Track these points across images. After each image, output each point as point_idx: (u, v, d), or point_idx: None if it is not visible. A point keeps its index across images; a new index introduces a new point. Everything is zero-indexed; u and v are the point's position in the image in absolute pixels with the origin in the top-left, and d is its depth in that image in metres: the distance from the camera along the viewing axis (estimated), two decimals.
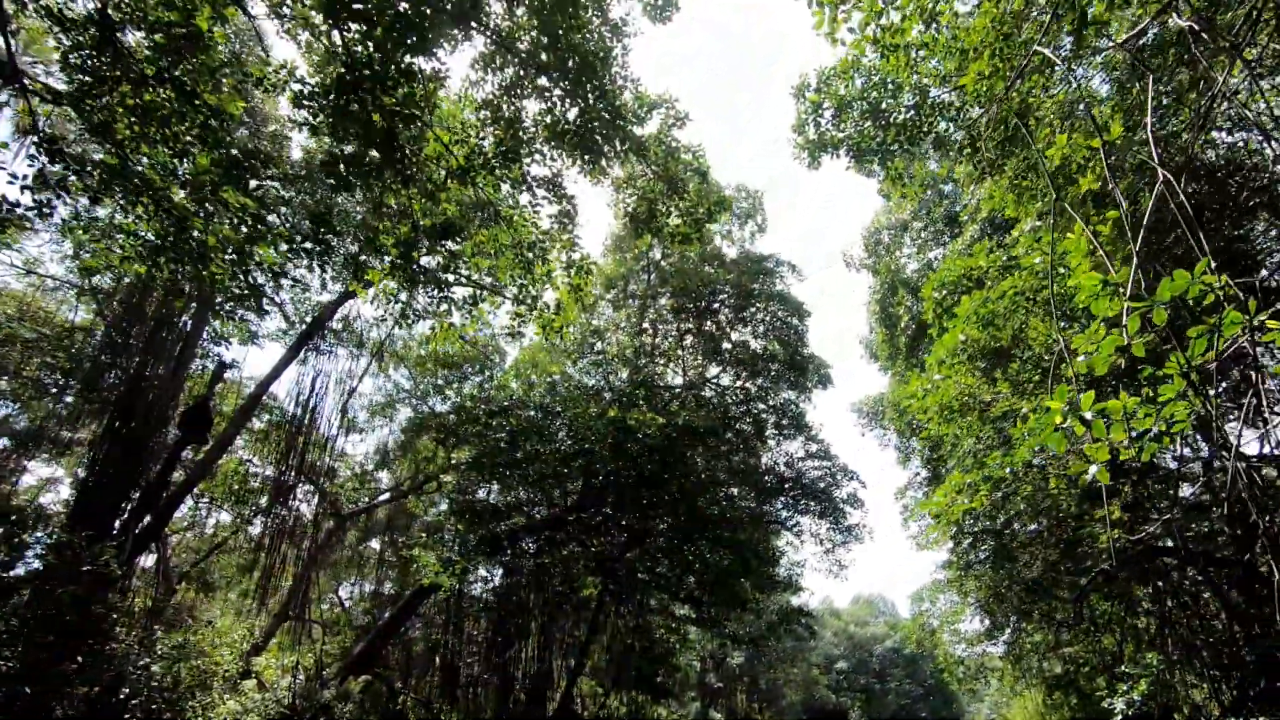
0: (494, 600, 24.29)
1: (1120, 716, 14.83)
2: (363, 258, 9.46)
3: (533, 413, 15.57)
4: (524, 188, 9.71)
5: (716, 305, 22.32)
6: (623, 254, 24.80)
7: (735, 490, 21.13)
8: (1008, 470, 8.14)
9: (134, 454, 15.95)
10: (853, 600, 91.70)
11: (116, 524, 15.36)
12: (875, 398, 27.86)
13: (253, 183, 8.67)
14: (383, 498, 27.27)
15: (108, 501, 15.16)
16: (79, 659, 10.59)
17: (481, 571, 25.08)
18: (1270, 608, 18.59)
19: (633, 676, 27.14)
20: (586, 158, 10.30)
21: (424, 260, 9.40)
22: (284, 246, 8.10)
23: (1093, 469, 3.76)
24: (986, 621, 27.21)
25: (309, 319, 19.51)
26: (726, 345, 24.27)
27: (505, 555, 21.08)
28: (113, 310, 18.60)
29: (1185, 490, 20.53)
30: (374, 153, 8.92)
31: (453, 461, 17.49)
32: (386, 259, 9.12)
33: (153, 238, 8.44)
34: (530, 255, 9.22)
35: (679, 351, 24.90)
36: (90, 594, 11.82)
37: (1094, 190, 6.74)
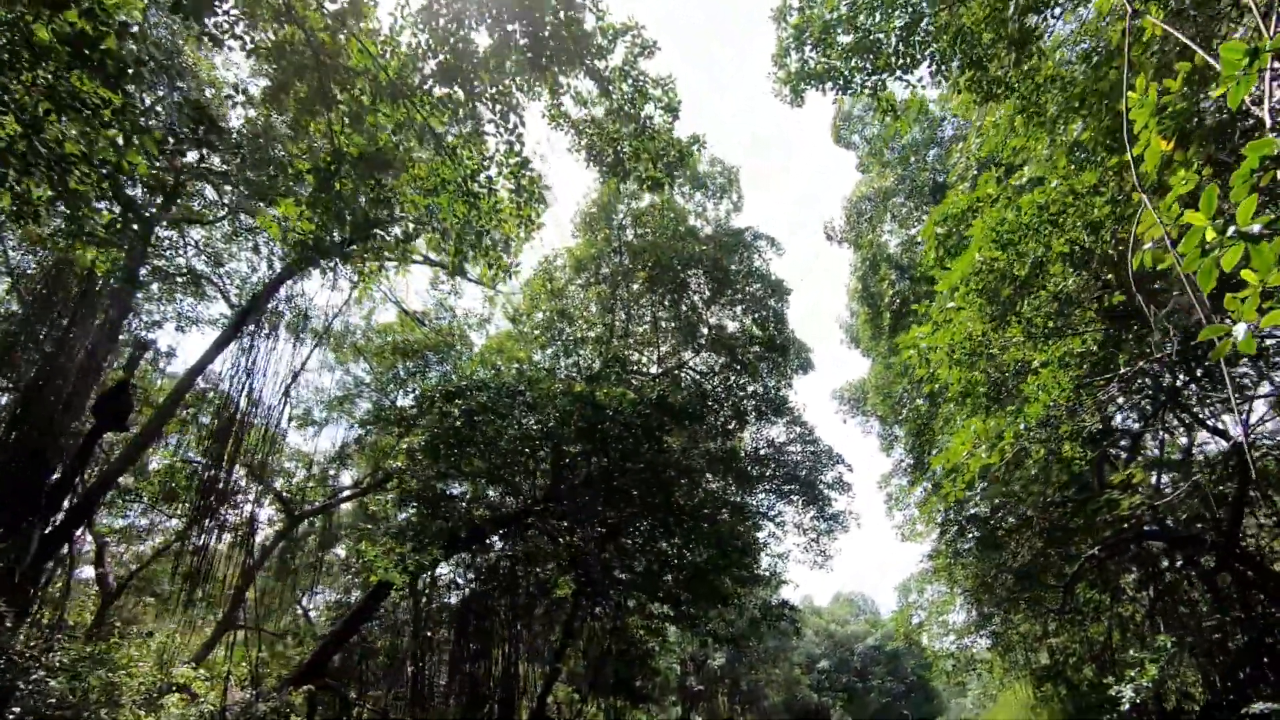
0: (461, 603, 22.82)
1: (1127, 704, 13.91)
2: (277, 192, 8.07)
3: (492, 392, 14.20)
4: (468, 113, 8.40)
5: (692, 283, 21.17)
6: (593, 234, 23.56)
7: (713, 479, 19.96)
8: (1021, 426, 7.05)
9: (44, 446, 14.27)
10: (833, 599, 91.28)
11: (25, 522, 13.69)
12: (857, 384, 26.94)
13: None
14: (343, 495, 25.60)
15: (15, 497, 13.49)
16: None
17: (447, 572, 23.65)
18: (1255, 589, 17.99)
19: (611, 681, 25.83)
20: (541, 89, 9.06)
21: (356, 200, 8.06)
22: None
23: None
24: (974, 612, 26.41)
25: (249, 300, 17.92)
26: (703, 329, 23.13)
27: (468, 551, 19.63)
28: (30, 289, 16.88)
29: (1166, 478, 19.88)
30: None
31: (405, 448, 16.09)
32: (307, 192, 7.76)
33: None
34: (475, 187, 7.94)
35: (654, 335, 23.70)
36: None
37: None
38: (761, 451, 20.14)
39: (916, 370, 8.08)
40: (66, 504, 14.00)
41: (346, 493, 25.38)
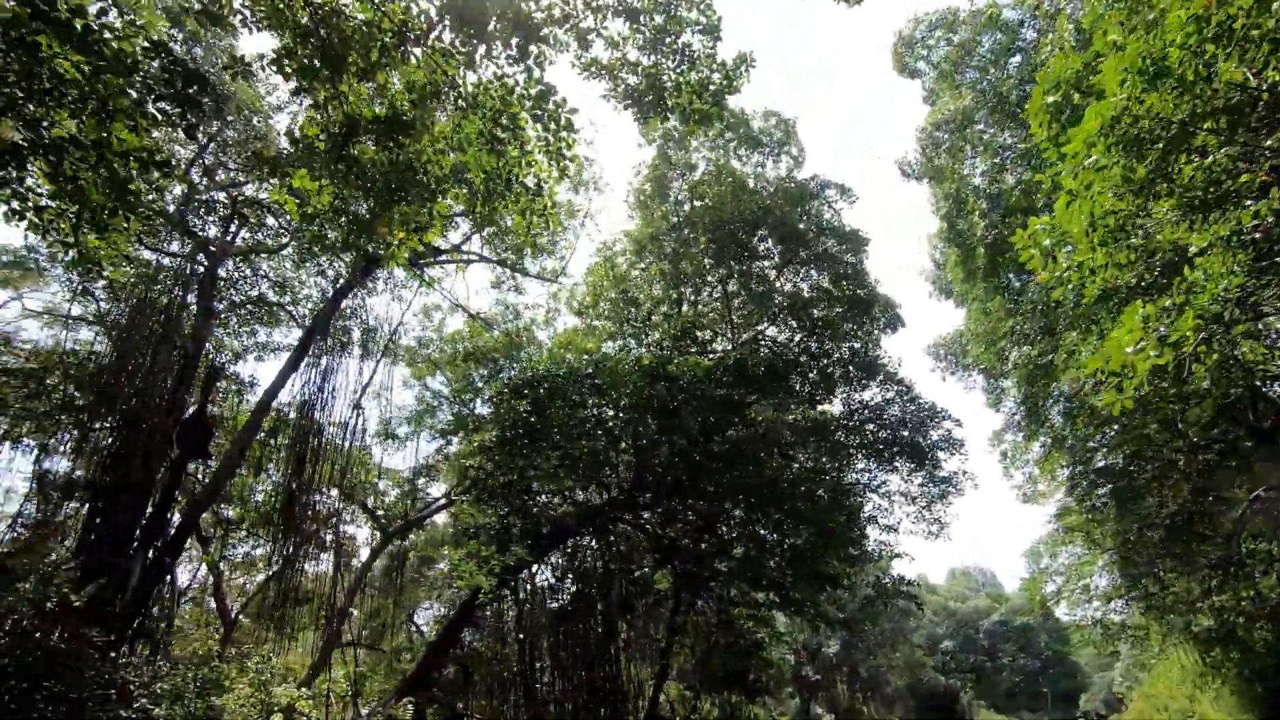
0: (561, 606, 22.30)
1: None
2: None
3: (559, 380, 13.45)
4: (485, 56, 7.56)
5: (759, 248, 19.83)
6: (649, 212, 22.58)
7: (805, 452, 18.53)
8: (1194, 319, 5.49)
9: (139, 481, 14.60)
10: (949, 575, 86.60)
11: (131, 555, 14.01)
12: (953, 335, 24.73)
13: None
14: (435, 507, 25.69)
15: (115, 532, 13.81)
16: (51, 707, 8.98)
17: (545, 576, 23.20)
18: None
19: (722, 675, 24.76)
20: (568, 39, 8.13)
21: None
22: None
23: None
24: (1119, 574, 23.67)
25: (313, 319, 17.98)
26: (776, 298, 21.69)
27: (558, 551, 19.04)
28: (117, 332, 17.49)
29: None
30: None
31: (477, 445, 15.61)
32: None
33: None
34: (499, 132, 7.10)
35: (725, 311, 22.45)
36: (73, 633, 10.29)
37: None
38: (856, 418, 18.53)
39: (1039, 274, 6.61)
40: (162, 535, 14.24)
41: (440, 502, 25.44)
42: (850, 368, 18.83)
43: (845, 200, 19.81)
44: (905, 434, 17.15)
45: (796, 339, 20.62)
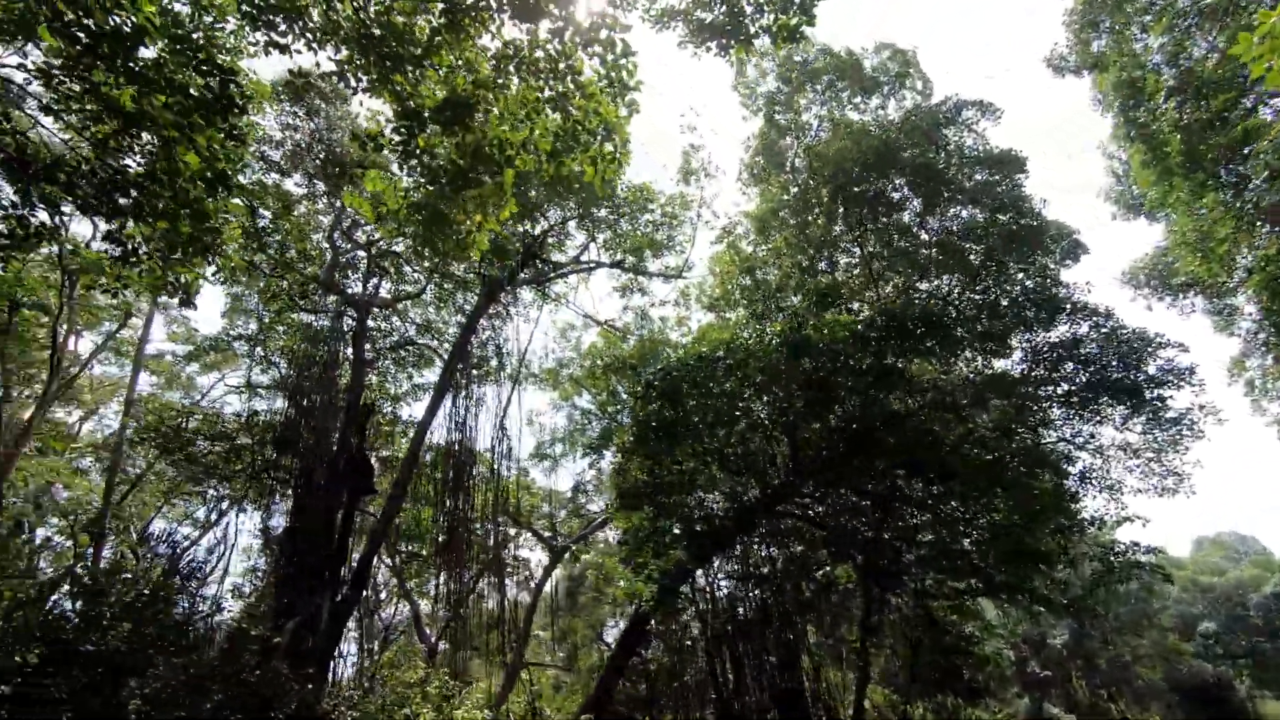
0: (739, 610, 21.18)
1: None
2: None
3: (689, 367, 12.55)
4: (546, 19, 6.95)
5: (895, 196, 17.77)
6: (765, 185, 21.23)
7: (985, 413, 16.07)
8: None
9: (321, 524, 15.64)
10: (1195, 545, 74.10)
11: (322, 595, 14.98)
12: (1154, 255, 20.76)
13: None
14: (597, 523, 25.73)
15: (305, 575, 14.81)
16: None
17: (722, 582, 22.21)
18: None
19: (935, 677, 22.29)
20: None
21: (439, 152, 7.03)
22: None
23: None
24: None
25: (452, 350, 18.55)
26: (924, 251, 19.32)
27: (722, 554, 18.00)
28: (289, 392, 19.18)
29: None
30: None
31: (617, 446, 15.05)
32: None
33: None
34: (563, 88, 6.44)
35: (867, 276, 20.40)
36: (256, 667, 10.91)
37: None
38: (1043, 364, 15.75)
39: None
40: (344, 571, 15.08)
41: (602, 517, 25.44)
42: (1026, 309, 16.14)
43: (989, 119, 17.20)
44: (1112, 372, 14.23)
45: (954, 289, 18.16)
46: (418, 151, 6.77)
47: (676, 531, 13.21)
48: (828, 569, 22.57)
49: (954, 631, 21.61)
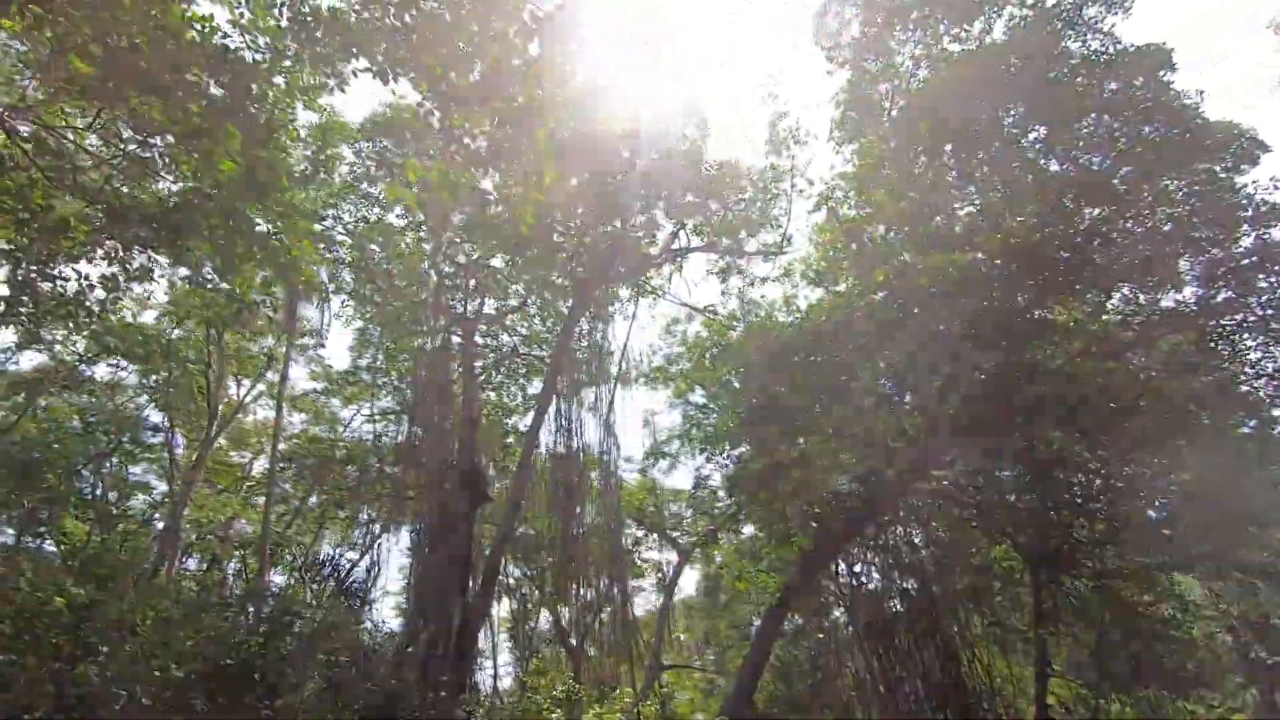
0: (887, 601, 19.53)
1: None
2: None
3: (793, 333, 11.56)
4: None
5: (1008, 122, 15.72)
6: (861, 141, 19.60)
7: (1151, 353, 13.70)
8: None
9: (448, 537, 16.05)
10: None
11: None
12: None
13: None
14: (724, 519, 24.88)
15: (437, 592, 15.19)
16: None
17: (861, 569, 20.65)
18: None
19: (1131, 667, 19.49)
20: None
21: None
22: None
23: None
24: None
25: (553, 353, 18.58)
26: (1050, 182, 16.92)
27: (856, 539, 16.61)
28: (410, 413, 20.06)
29: None
30: None
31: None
32: None
33: None
34: None
35: (993, 224, 18.22)
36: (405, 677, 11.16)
37: None
38: (1226, 289, 13.11)
39: None
40: (472, 580, 15.35)
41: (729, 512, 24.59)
42: (1195, 228, 13.59)
43: (1117, 12, 14.75)
44: None
45: (1098, 218, 15.68)
46: (456, 133, 6.51)
47: (788, 516, 12.20)
48: (983, 551, 20.42)
49: (1148, 614, 18.71)
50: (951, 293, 10.45)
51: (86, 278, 7.72)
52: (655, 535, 23.85)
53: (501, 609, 27.65)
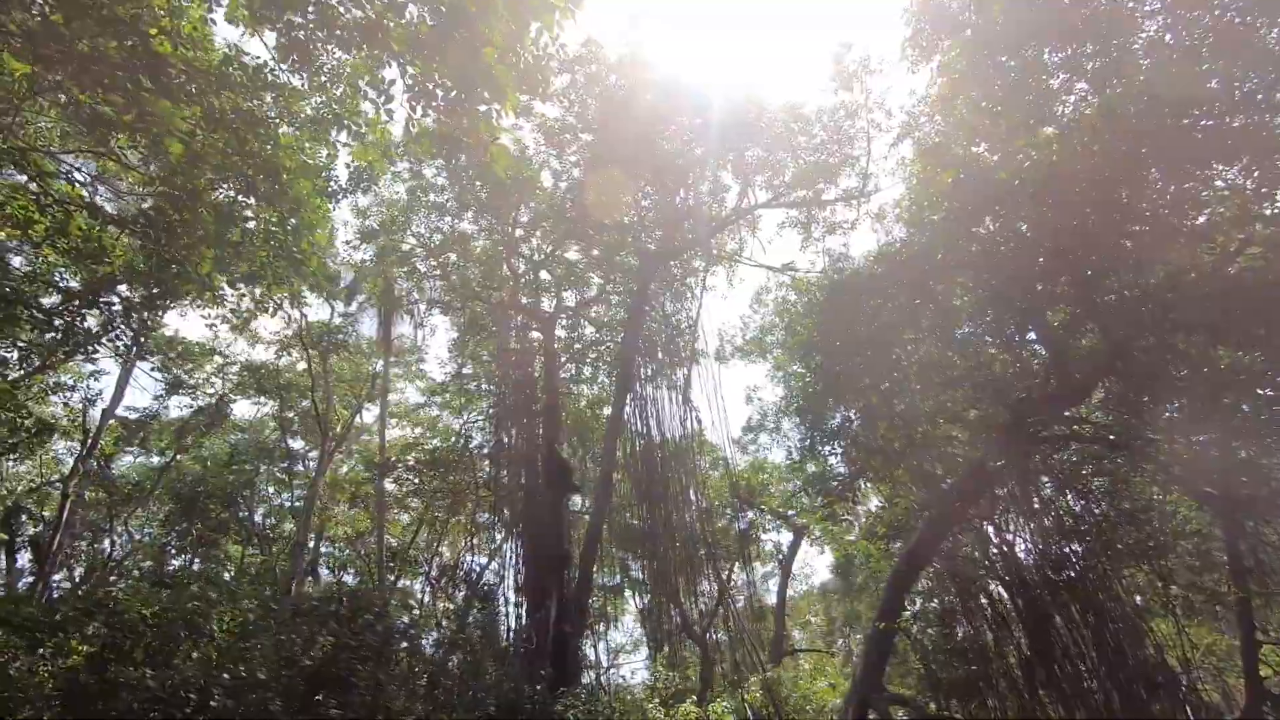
0: (1038, 565, 17.08)
1: None
2: None
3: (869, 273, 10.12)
4: None
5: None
6: (939, 54, 17.36)
7: None
8: None
9: (544, 526, 15.84)
10: None
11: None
12: None
13: None
14: (838, 492, 23.12)
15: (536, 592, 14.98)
16: None
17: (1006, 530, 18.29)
18: None
19: None
20: None
21: None
22: None
23: None
24: None
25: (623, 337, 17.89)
26: (1173, 68, 13.99)
27: (984, 497, 14.55)
28: (497, 413, 20.19)
29: None
30: None
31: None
32: None
33: None
34: None
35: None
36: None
37: None
38: None
39: None
40: (567, 572, 15.01)
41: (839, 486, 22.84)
42: None
43: None
44: None
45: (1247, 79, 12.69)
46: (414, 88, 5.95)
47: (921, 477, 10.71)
48: (1158, 501, 17.53)
49: None
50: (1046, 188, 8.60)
51: (126, 299, 7.99)
52: (768, 515, 22.57)
53: (636, 602, 27.41)
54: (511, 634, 14.08)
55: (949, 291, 10.74)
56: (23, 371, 15.40)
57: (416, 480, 20.93)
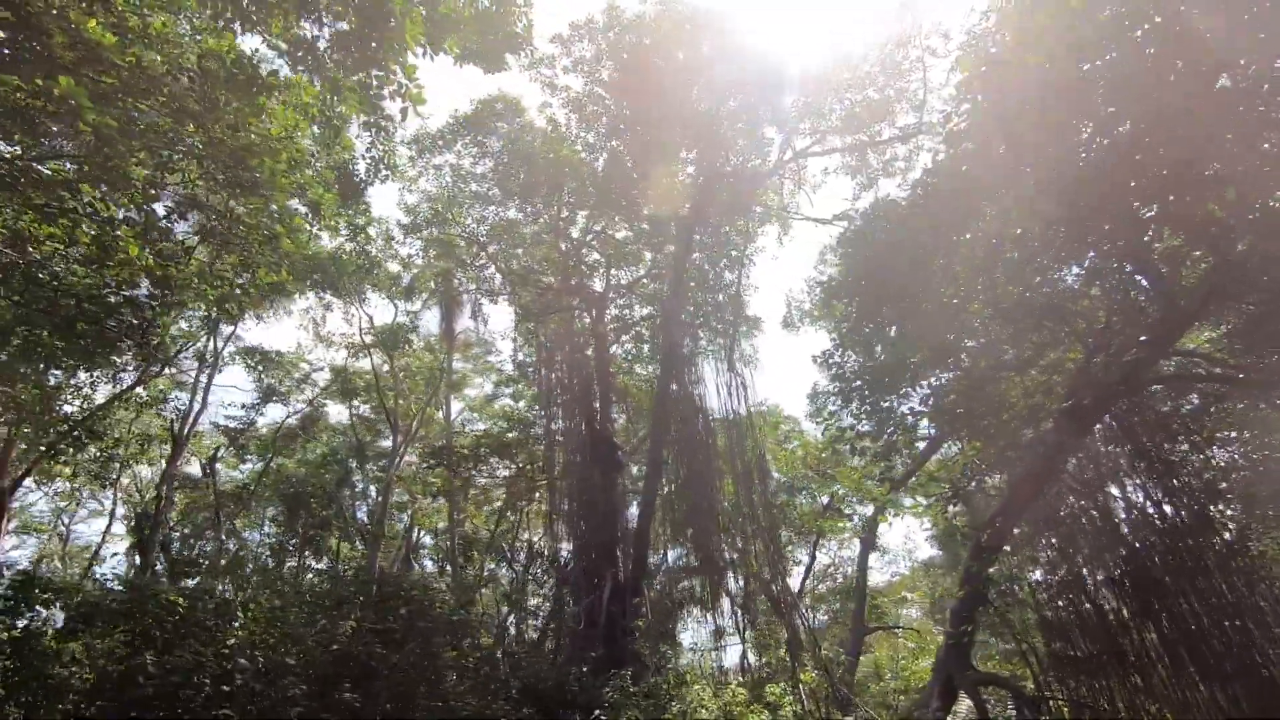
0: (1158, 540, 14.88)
1: None
2: None
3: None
4: None
5: None
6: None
7: None
8: None
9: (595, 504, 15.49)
10: None
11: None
12: None
13: None
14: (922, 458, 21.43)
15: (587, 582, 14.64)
16: None
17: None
18: None
19: None
20: None
21: None
22: None
23: None
24: None
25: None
26: None
27: (1070, 458, 12.75)
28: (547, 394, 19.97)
29: None
30: None
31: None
32: None
33: None
34: None
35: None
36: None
37: None
38: None
39: None
40: (623, 549, 14.60)
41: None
42: None
43: None
44: None
45: None
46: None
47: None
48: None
49: None
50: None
51: (134, 299, 8.23)
52: (843, 489, 21.20)
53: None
54: (567, 616, 13.85)
55: (1005, 214, 9.31)
56: (115, 389, 16.75)
57: (473, 468, 21.20)
